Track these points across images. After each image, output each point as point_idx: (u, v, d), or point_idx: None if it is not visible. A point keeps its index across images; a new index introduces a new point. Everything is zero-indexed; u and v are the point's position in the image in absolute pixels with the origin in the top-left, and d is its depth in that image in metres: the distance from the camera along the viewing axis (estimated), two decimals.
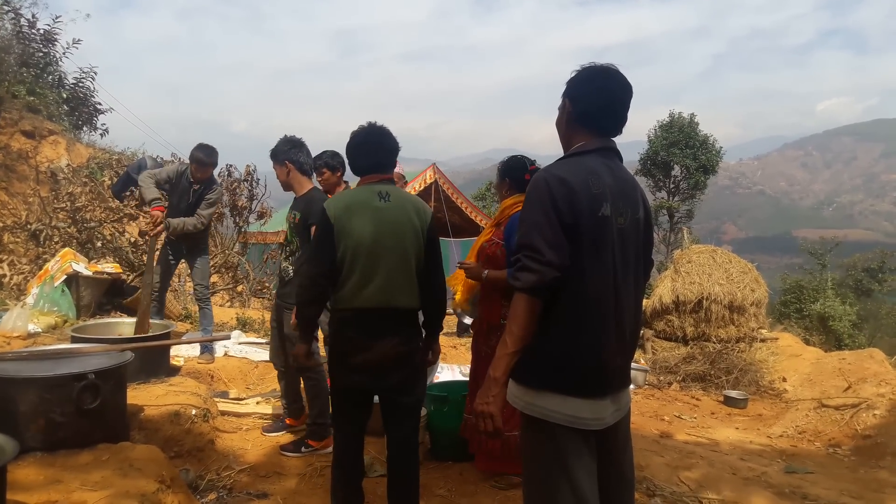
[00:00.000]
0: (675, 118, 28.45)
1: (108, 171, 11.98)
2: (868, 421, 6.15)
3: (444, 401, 4.33)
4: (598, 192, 2.05)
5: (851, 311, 20.40)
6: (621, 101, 2.19)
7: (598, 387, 2.08)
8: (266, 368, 6.53)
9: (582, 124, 2.21)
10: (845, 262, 30.76)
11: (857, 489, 4.77)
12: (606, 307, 2.07)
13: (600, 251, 2.05)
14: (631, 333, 2.18)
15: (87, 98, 15.24)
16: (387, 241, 2.98)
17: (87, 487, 2.75)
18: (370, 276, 2.94)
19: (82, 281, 7.23)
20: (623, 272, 2.11)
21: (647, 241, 2.26)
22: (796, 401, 7.87)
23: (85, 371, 3.28)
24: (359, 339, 2.97)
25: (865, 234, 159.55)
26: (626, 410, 2.25)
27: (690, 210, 28.62)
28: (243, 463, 4.19)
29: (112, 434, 3.36)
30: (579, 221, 2.01)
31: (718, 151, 28.26)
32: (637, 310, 2.22)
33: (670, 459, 4.91)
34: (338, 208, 2.97)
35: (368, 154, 3.12)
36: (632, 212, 2.16)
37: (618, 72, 2.19)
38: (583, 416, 2.06)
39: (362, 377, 3.00)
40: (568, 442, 2.06)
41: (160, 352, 5.09)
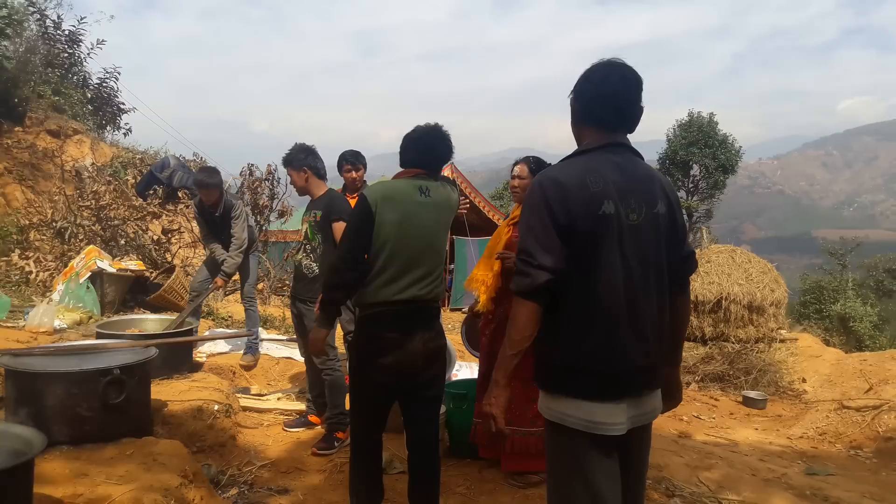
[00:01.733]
0: (694, 117, 28.30)
1: (131, 170, 12.13)
2: (890, 423, 6.09)
3: (464, 399, 4.35)
4: (597, 190, 2.01)
5: (872, 311, 20.19)
6: (623, 94, 2.13)
7: (613, 391, 2.03)
8: (287, 365, 6.59)
9: (587, 122, 2.18)
10: (866, 263, 30.43)
11: (879, 492, 4.73)
12: (617, 308, 2.01)
13: (604, 250, 2.00)
14: (655, 334, 2.08)
15: (110, 98, 15.41)
16: (424, 236, 3.00)
17: (112, 481, 2.80)
18: (406, 268, 2.94)
19: (106, 278, 7.33)
20: (640, 270, 2.04)
21: (673, 234, 2.16)
22: (816, 402, 7.80)
23: (110, 366, 3.33)
24: (392, 336, 2.95)
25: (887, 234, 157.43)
26: (654, 415, 2.17)
27: (709, 210, 28.45)
28: (264, 458, 4.23)
29: (136, 429, 3.41)
30: (576, 222, 1.99)
31: (738, 151, 28.06)
32: (662, 309, 2.11)
33: (689, 460, 4.90)
34: (378, 196, 2.93)
35: (418, 150, 3.10)
36: (648, 207, 2.07)
37: (621, 66, 2.14)
38: (597, 420, 2.02)
39: (393, 376, 2.98)
40: (585, 446, 2.05)
41: (184, 348, 5.15)
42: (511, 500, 3.74)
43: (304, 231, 4.57)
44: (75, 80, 14.50)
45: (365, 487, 3.14)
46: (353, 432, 3.19)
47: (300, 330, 4.67)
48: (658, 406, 2.19)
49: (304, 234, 4.56)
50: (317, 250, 4.50)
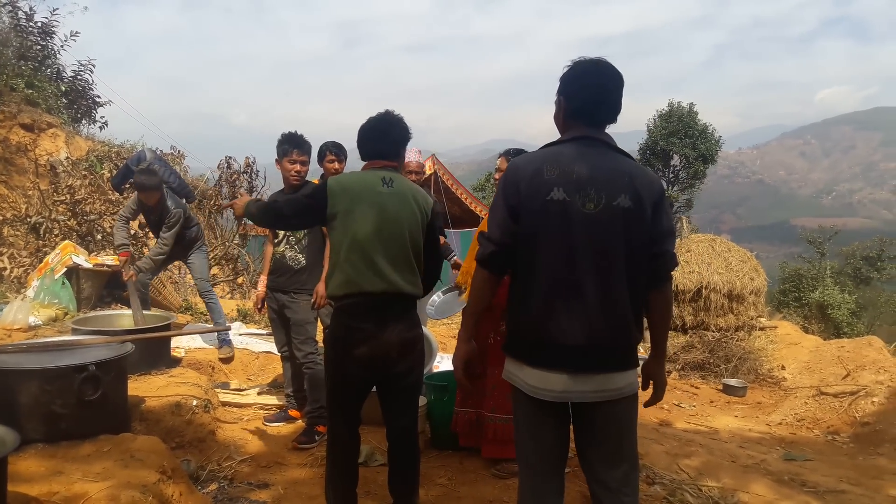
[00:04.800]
0: (674, 108, 28.43)
1: (107, 164, 11.96)
2: (867, 408, 6.17)
3: (445, 390, 4.34)
4: (550, 177, 2.20)
5: (850, 299, 20.43)
6: (601, 91, 2.28)
7: (544, 360, 2.24)
8: (267, 359, 6.55)
9: (567, 116, 2.34)
10: (844, 251, 30.77)
11: (855, 476, 4.79)
12: (554, 287, 2.20)
13: (548, 233, 2.20)
14: (601, 319, 2.18)
15: (85, 91, 15.19)
16: (389, 227, 2.98)
17: (89, 478, 2.76)
18: (372, 259, 2.93)
19: (83, 273, 7.25)
20: (588, 257, 2.17)
21: (639, 229, 2.21)
22: (795, 389, 7.88)
23: (86, 363, 3.29)
24: (365, 327, 2.93)
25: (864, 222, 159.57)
26: (615, 395, 2.25)
27: (690, 199, 28.63)
28: (244, 453, 4.21)
29: (113, 425, 3.38)
30: (523, 203, 2.23)
31: (717, 141, 28.25)
32: (612, 297, 2.20)
33: (670, 447, 4.93)
34: (337, 187, 2.98)
35: (374, 140, 3.12)
36: (608, 198, 2.17)
37: (601, 63, 2.28)
38: (530, 383, 2.27)
39: (368, 367, 2.97)
40: (527, 405, 2.32)
41: (161, 343, 5.10)
42: (493, 491, 3.75)
43: None
44: (49, 72, 14.27)
45: (342, 481, 3.12)
46: (330, 425, 3.17)
47: (280, 323, 4.62)
48: (618, 389, 2.26)
49: None
50: (301, 242, 4.47)
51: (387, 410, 3.16)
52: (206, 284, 6.29)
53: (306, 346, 4.40)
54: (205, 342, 6.50)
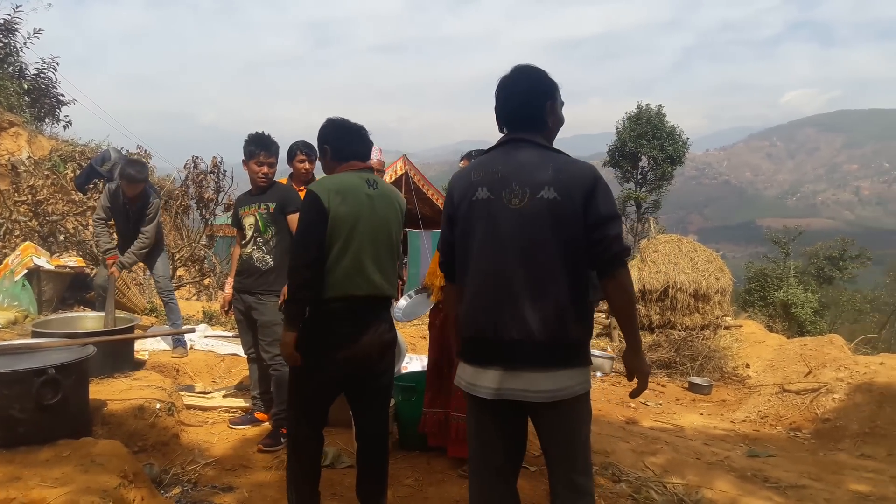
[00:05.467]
0: (643, 110, 28.69)
1: (71, 164, 11.75)
2: (827, 405, 6.29)
3: (413, 391, 4.34)
4: (476, 179, 2.31)
5: (813, 298, 20.80)
6: (515, 98, 2.37)
7: (477, 356, 2.31)
8: (233, 362, 6.49)
9: (498, 123, 2.43)
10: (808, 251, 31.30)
11: (816, 471, 4.88)
12: (484, 284, 2.27)
13: (475, 232, 2.29)
14: (537, 314, 2.18)
15: (48, 89, 14.93)
16: (378, 229, 2.98)
17: (47, 484, 2.71)
18: (361, 262, 2.91)
19: (44, 275, 7.12)
20: (518, 253, 2.20)
21: (572, 218, 2.19)
22: (759, 386, 8.02)
23: (45, 366, 3.23)
24: (347, 330, 2.91)
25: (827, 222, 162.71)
26: (555, 396, 2.21)
27: (658, 200, 28.91)
28: (209, 456, 4.16)
29: (73, 429, 3.31)
30: (456, 206, 2.37)
31: (685, 142, 28.55)
32: (546, 290, 2.19)
33: (636, 445, 4.98)
34: (330, 192, 2.89)
35: (351, 141, 3.11)
36: (532, 192, 2.20)
37: (518, 71, 2.37)
38: (467, 379, 2.34)
39: (345, 370, 2.95)
40: (470, 405, 2.39)
41: (124, 346, 5.02)
42: (459, 491, 3.74)
43: (254, 223, 4.48)
44: (11, 70, 14.01)
45: (305, 483, 3.10)
46: (295, 429, 3.12)
47: (247, 325, 4.58)
48: (559, 389, 2.21)
49: (255, 226, 4.47)
50: (269, 243, 4.43)
51: (360, 413, 3.14)
52: (168, 284, 6.28)
53: (273, 347, 4.36)
54: (168, 344, 6.43)
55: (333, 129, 3.13)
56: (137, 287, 8.85)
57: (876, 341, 17.18)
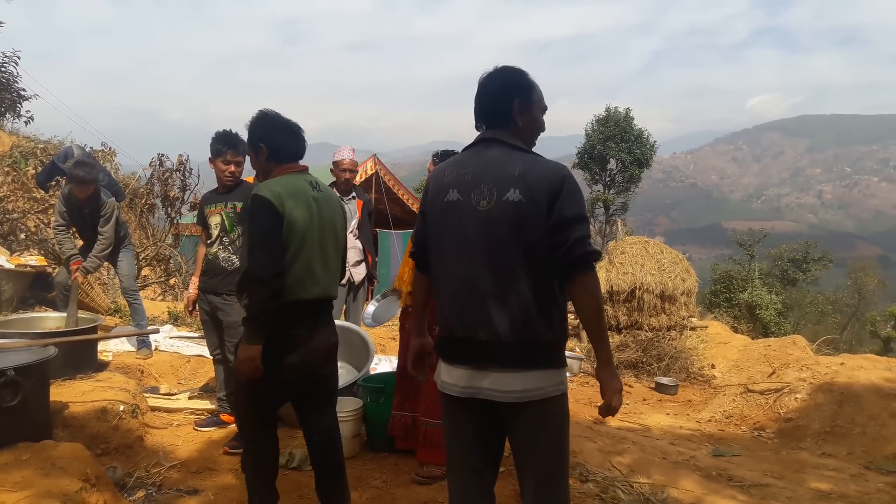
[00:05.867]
0: (611, 113, 29.01)
1: (32, 161, 11.50)
2: (790, 405, 6.39)
3: (381, 392, 4.32)
4: (448, 180, 2.33)
5: (777, 299, 21.20)
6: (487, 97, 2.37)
7: (453, 354, 2.33)
8: (198, 363, 6.41)
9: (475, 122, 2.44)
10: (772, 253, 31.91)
11: (779, 470, 4.96)
12: (453, 283, 2.30)
13: (445, 233, 2.32)
14: (507, 313, 2.17)
15: (9, 84, 14.60)
16: (325, 232, 2.94)
17: (6, 488, 2.66)
18: (312, 266, 2.87)
19: (3, 274, 6.96)
20: (485, 253, 2.21)
21: (536, 221, 2.16)
22: (724, 386, 8.13)
23: (3, 368, 3.15)
24: (299, 334, 2.87)
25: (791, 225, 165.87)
26: (523, 397, 2.19)
27: (625, 203, 29.24)
28: (174, 459, 4.10)
29: (34, 432, 3.24)
30: (427, 207, 2.41)
31: (653, 145, 28.92)
32: (509, 292, 2.18)
33: (603, 445, 5.01)
34: (282, 197, 2.80)
35: (289, 141, 3.01)
36: (499, 194, 2.19)
37: (491, 72, 2.38)
38: (441, 377, 2.38)
39: (297, 373, 2.91)
40: (444, 403, 2.42)
41: (87, 347, 4.93)
42: (427, 492, 3.74)
43: (220, 223, 4.42)
44: None
45: (267, 487, 3.07)
46: (251, 436, 3.05)
47: (213, 325, 4.52)
48: (527, 390, 2.19)
49: (221, 225, 4.42)
50: (235, 242, 4.38)
51: (306, 416, 3.09)
52: (132, 284, 6.20)
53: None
54: (132, 345, 6.33)
55: (271, 126, 3.00)
56: (101, 287, 8.69)
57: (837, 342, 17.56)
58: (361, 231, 5.75)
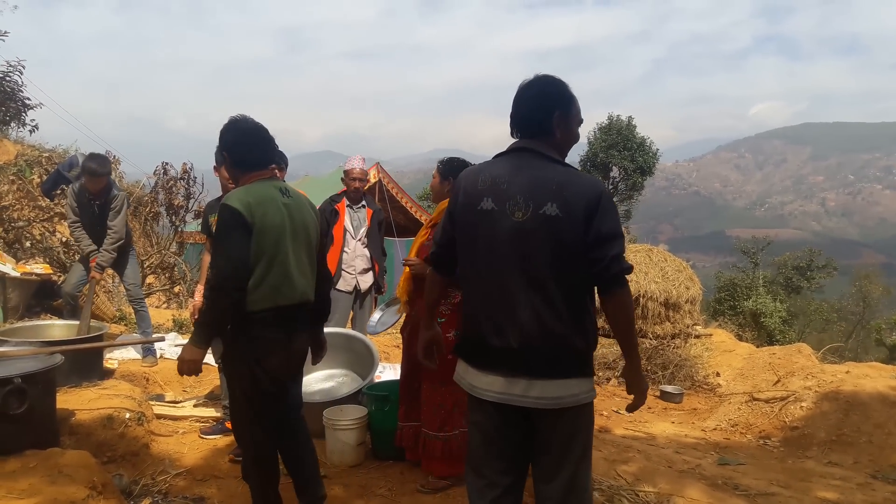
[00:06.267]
0: (613, 121, 29.03)
1: (37, 169, 11.55)
2: (796, 413, 6.37)
3: (386, 400, 4.31)
4: (483, 188, 2.33)
5: (782, 307, 21.11)
6: (525, 106, 2.38)
7: (476, 359, 2.38)
8: (203, 371, 6.39)
9: (511, 129, 2.44)
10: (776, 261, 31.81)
11: (785, 478, 4.94)
12: (484, 291, 2.34)
13: (478, 240, 2.33)
14: (540, 323, 2.22)
15: (14, 93, 14.68)
16: (298, 237, 2.96)
17: (14, 495, 2.67)
18: (287, 272, 2.89)
19: (9, 282, 6.99)
20: (517, 264, 2.24)
21: (566, 236, 2.20)
22: (729, 395, 8.10)
23: (10, 375, 3.18)
24: (279, 337, 2.91)
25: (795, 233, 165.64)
26: (554, 404, 2.25)
27: (628, 210, 29.22)
28: (180, 467, 4.10)
29: (40, 440, 3.27)
30: (458, 212, 2.41)
31: (655, 153, 28.92)
32: (546, 304, 2.22)
33: (608, 453, 5.00)
34: (251, 206, 2.80)
35: (264, 147, 3.02)
36: (535, 207, 2.21)
37: (531, 80, 2.38)
38: (466, 379, 2.42)
39: (281, 377, 3.00)
40: (471, 406, 2.46)
41: (93, 355, 4.95)
42: (433, 501, 3.73)
43: None
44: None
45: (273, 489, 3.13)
46: (252, 440, 3.06)
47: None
48: (558, 397, 2.25)
49: None
50: None
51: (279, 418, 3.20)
52: (138, 291, 6.21)
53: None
54: (138, 353, 6.34)
55: (235, 134, 2.99)
56: (106, 294, 8.71)
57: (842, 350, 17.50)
58: (370, 239, 5.77)
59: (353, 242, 5.69)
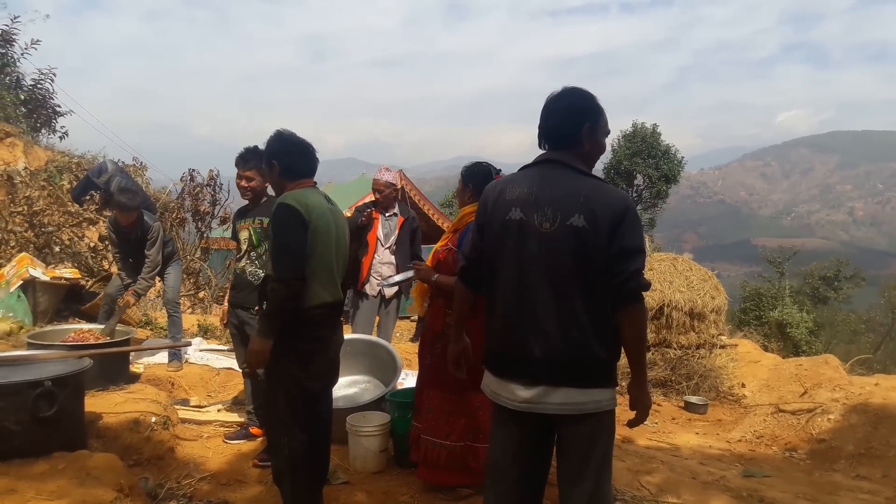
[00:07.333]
0: (637, 128, 28.89)
1: (67, 175, 11.74)
2: (823, 425, 6.29)
3: (409, 407, 4.31)
4: (511, 198, 2.35)
5: (808, 318, 20.83)
6: (553, 118, 2.40)
7: (502, 369, 2.41)
8: (228, 376, 6.46)
9: (539, 140, 2.47)
10: (803, 271, 31.41)
11: (812, 492, 4.87)
12: (510, 301, 2.34)
13: (506, 251, 2.34)
14: (555, 333, 2.26)
15: (45, 100, 14.96)
16: (340, 242, 3.21)
17: (43, 497, 2.71)
18: (331, 271, 3.14)
19: (39, 286, 7.09)
20: (543, 274, 2.27)
21: (595, 248, 2.22)
22: (755, 406, 8.01)
23: (41, 378, 3.22)
24: (327, 335, 3.16)
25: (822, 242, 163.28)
26: (576, 410, 2.28)
27: (653, 219, 29.03)
28: (204, 471, 4.13)
29: (69, 442, 3.30)
30: (487, 222, 2.42)
31: (680, 161, 28.73)
32: (566, 313, 2.25)
33: (631, 464, 4.97)
34: (308, 206, 3.04)
35: (310, 158, 3.27)
36: (562, 218, 2.23)
37: (559, 92, 2.41)
38: (492, 388, 2.45)
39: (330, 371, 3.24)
40: (495, 409, 2.49)
41: (119, 359, 5.00)
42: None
43: (248, 238, 4.48)
44: (8, 81, 14.05)
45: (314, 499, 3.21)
46: (295, 443, 3.10)
47: (241, 339, 4.56)
48: (579, 404, 2.28)
49: (249, 240, 4.47)
50: (262, 257, 4.42)
51: None
52: (176, 296, 6.44)
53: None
54: (163, 358, 6.41)
55: (284, 145, 3.24)
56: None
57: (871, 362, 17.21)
58: (399, 247, 5.83)
59: (382, 250, 5.78)
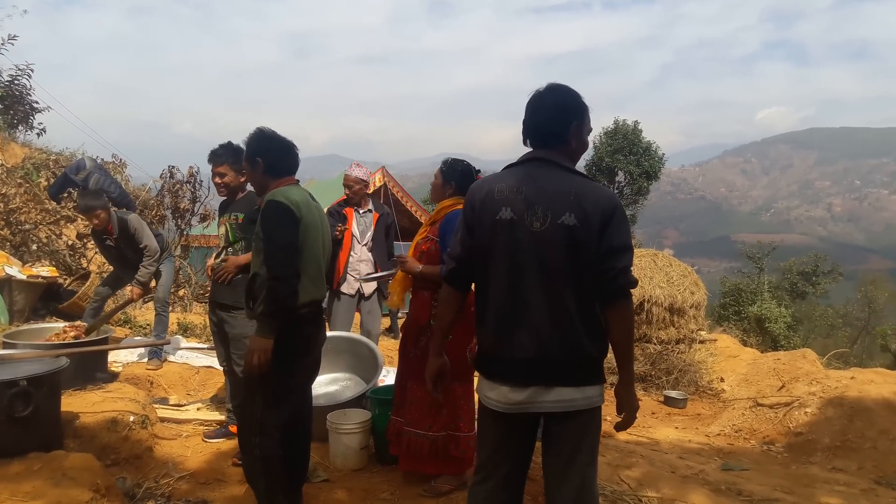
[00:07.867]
0: (619, 125, 28.98)
1: (44, 172, 11.58)
2: (800, 419, 6.36)
3: (390, 404, 4.30)
4: (500, 198, 2.32)
5: (787, 312, 21.07)
6: (540, 116, 2.38)
7: (494, 371, 2.38)
8: (207, 374, 6.42)
9: (524, 139, 2.44)
10: (781, 266, 31.74)
11: (789, 484, 4.93)
12: (502, 302, 2.32)
13: (496, 251, 2.31)
14: (548, 333, 2.26)
15: (22, 96, 14.74)
16: (325, 238, 3.24)
17: (18, 498, 2.69)
18: (320, 269, 3.17)
19: (15, 285, 7.01)
20: (535, 274, 2.26)
21: (586, 246, 2.23)
22: (733, 400, 8.09)
23: (16, 378, 3.20)
24: (315, 332, 3.20)
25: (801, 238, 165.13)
26: (565, 407, 2.29)
27: (634, 215, 29.14)
28: (183, 470, 4.11)
29: (45, 442, 3.28)
30: (475, 223, 2.37)
31: (661, 158, 28.86)
32: (558, 312, 2.26)
33: (612, 459, 5.00)
34: (298, 203, 3.05)
35: (292, 155, 3.28)
36: (553, 217, 2.23)
37: (545, 89, 2.39)
38: (483, 391, 2.42)
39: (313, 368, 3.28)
40: (483, 412, 2.47)
41: (97, 357, 4.96)
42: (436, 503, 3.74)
43: (225, 234, 4.44)
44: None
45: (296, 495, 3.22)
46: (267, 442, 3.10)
47: (220, 338, 4.53)
48: (570, 400, 2.29)
49: (226, 236, 4.43)
50: (238, 253, 4.38)
51: None
52: (166, 295, 6.39)
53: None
54: (142, 356, 6.36)
55: (267, 142, 3.23)
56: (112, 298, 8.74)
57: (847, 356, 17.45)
58: (375, 244, 5.78)
59: (359, 247, 5.70)
